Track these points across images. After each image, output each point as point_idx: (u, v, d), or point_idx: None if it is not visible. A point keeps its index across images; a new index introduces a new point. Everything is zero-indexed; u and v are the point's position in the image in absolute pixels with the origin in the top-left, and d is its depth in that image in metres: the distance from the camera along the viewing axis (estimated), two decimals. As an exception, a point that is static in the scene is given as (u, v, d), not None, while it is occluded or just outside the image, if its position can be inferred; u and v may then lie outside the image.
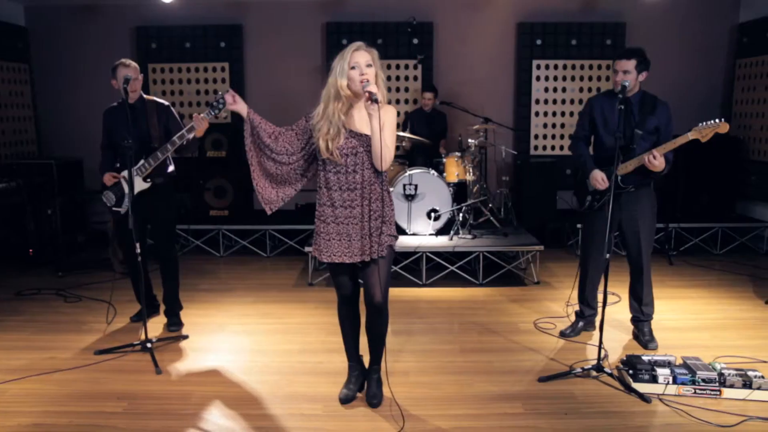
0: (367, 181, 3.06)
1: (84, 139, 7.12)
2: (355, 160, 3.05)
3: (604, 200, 3.93)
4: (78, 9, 7.30)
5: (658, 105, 3.89)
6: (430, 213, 5.85)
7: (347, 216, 3.08)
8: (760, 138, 6.68)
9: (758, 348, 4.04)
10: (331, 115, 2.99)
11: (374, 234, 3.07)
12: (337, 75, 2.98)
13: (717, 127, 3.56)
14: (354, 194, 3.06)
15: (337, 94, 2.99)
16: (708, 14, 7.25)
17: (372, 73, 2.96)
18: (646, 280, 4.08)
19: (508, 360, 3.94)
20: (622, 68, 3.81)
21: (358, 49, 2.98)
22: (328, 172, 3.09)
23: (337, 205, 3.09)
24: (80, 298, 5.24)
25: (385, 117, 3.01)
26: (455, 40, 7.39)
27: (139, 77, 4.30)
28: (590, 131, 4.11)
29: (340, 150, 3.03)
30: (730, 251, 6.64)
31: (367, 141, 3.02)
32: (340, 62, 2.99)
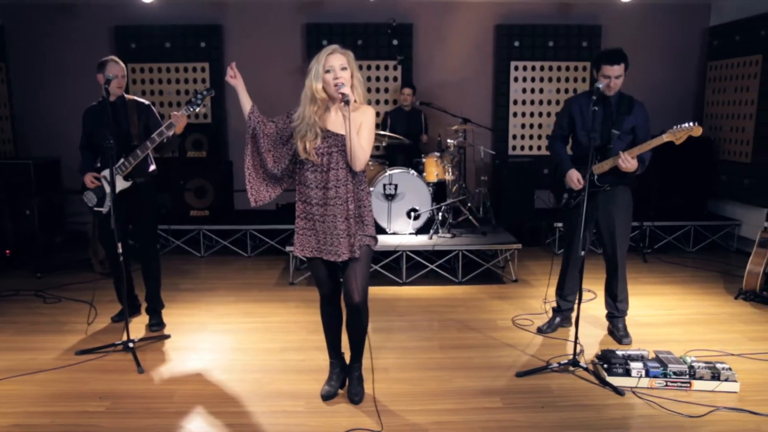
0: (342, 180, 3.08)
1: (62, 139, 7.09)
2: (330, 160, 3.07)
3: (581, 198, 4.03)
4: (56, 8, 7.25)
5: (634, 105, 3.98)
6: (410, 212, 5.93)
7: (323, 214, 3.11)
8: (730, 139, 6.85)
9: (727, 342, 4.17)
10: (307, 118, 3.04)
11: (350, 234, 3.09)
12: (313, 78, 3.01)
13: (691, 130, 3.67)
14: (329, 193, 3.08)
15: (312, 97, 3.02)
16: (680, 18, 7.42)
17: (347, 76, 2.99)
18: (621, 278, 4.19)
19: (486, 356, 4.02)
20: (615, 74, 3.86)
21: (333, 52, 3.00)
22: (306, 170, 3.13)
23: (313, 203, 3.12)
24: (60, 299, 5.22)
25: (362, 118, 3.07)
26: (434, 41, 7.47)
27: (125, 76, 4.35)
28: (568, 131, 4.20)
29: (316, 150, 3.07)
30: (702, 249, 6.81)
31: (342, 141, 3.05)
32: (315, 65, 3.01)
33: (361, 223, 3.14)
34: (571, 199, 4.13)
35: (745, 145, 6.56)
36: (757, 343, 4.14)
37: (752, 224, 6.43)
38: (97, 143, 4.26)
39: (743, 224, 6.74)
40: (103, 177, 4.29)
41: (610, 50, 3.94)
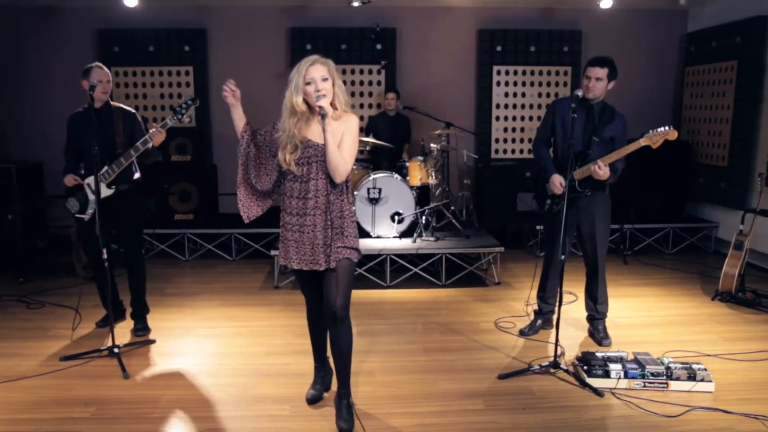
0: (321, 191, 3.03)
1: (44, 143, 7.07)
2: (309, 170, 3.02)
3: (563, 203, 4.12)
4: (38, 10, 7.21)
5: (616, 116, 4.08)
6: (394, 216, 5.98)
7: (302, 224, 3.06)
8: (707, 142, 6.99)
9: (704, 342, 4.28)
10: (288, 130, 3.00)
11: (329, 246, 3.03)
12: (293, 91, 2.95)
13: (666, 134, 3.75)
14: (308, 203, 3.04)
15: (292, 109, 2.97)
16: (658, 24, 7.55)
17: (329, 87, 2.94)
18: (600, 280, 4.28)
19: (469, 358, 4.09)
20: (596, 75, 3.97)
21: (313, 63, 2.94)
22: (287, 180, 3.10)
23: (294, 213, 3.08)
24: (43, 304, 5.20)
25: (344, 126, 3.02)
26: (418, 45, 7.54)
27: (110, 82, 4.34)
28: (551, 134, 4.28)
29: (296, 160, 3.03)
30: (681, 250, 6.94)
31: (321, 151, 2.98)
32: (296, 77, 2.95)
33: (341, 234, 3.07)
34: (554, 205, 4.21)
35: (722, 149, 6.69)
36: (731, 344, 4.25)
37: (729, 226, 6.55)
38: (82, 149, 4.28)
39: (720, 226, 6.88)
40: (87, 184, 4.29)
41: (600, 56, 4.08)
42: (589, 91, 4.00)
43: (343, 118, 3.04)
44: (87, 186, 4.30)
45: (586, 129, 4.04)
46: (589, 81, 3.99)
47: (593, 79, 3.98)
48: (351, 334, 3.16)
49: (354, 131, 3.06)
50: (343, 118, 3.04)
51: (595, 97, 4.02)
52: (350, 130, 3.04)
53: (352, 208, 3.18)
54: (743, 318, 4.80)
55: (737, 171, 6.46)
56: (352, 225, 3.14)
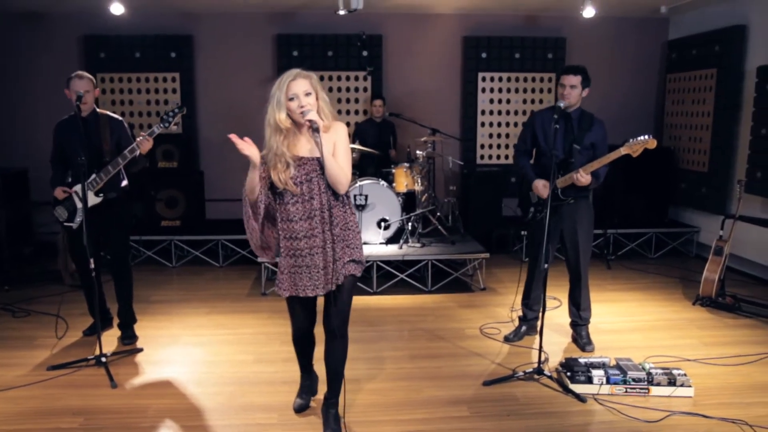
0: (326, 206, 2.93)
1: (30, 149, 7.04)
2: (311, 187, 2.92)
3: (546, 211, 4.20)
4: (24, 16, 7.19)
5: (594, 122, 4.16)
6: (380, 222, 6.03)
7: (312, 246, 2.95)
8: (689, 148, 7.11)
9: (684, 347, 4.36)
10: (275, 149, 2.90)
11: (337, 261, 2.95)
12: (275, 107, 2.86)
13: (646, 143, 3.83)
14: (314, 222, 2.93)
15: (277, 127, 2.87)
16: (641, 31, 7.67)
17: (312, 101, 2.86)
18: (584, 287, 4.35)
19: (455, 365, 4.14)
20: (570, 83, 4.06)
21: (295, 78, 2.86)
22: (286, 204, 2.96)
23: (300, 236, 2.96)
24: (29, 313, 5.18)
25: (335, 137, 2.96)
26: (404, 52, 7.60)
27: (93, 90, 4.32)
28: (531, 145, 4.36)
29: (293, 179, 2.92)
30: (664, 255, 7.05)
31: (318, 165, 2.90)
32: (277, 93, 2.85)
33: (346, 247, 3.00)
34: (537, 212, 4.29)
35: (703, 155, 6.81)
36: (711, 348, 4.34)
37: (710, 231, 6.67)
38: (69, 157, 4.28)
39: (702, 231, 6.99)
40: (75, 192, 4.30)
41: (572, 64, 4.19)
42: (564, 98, 4.08)
43: (332, 128, 2.98)
44: (75, 194, 4.30)
45: (566, 137, 4.12)
46: (563, 89, 4.09)
47: (567, 86, 4.07)
48: (347, 348, 3.18)
49: (345, 138, 3.01)
50: (332, 128, 2.98)
51: (570, 105, 4.10)
52: (341, 138, 2.99)
53: (356, 219, 3.11)
54: (723, 323, 4.90)
55: (717, 177, 6.58)
56: (358, 236, 3.07)
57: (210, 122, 7.58)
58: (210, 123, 7.58)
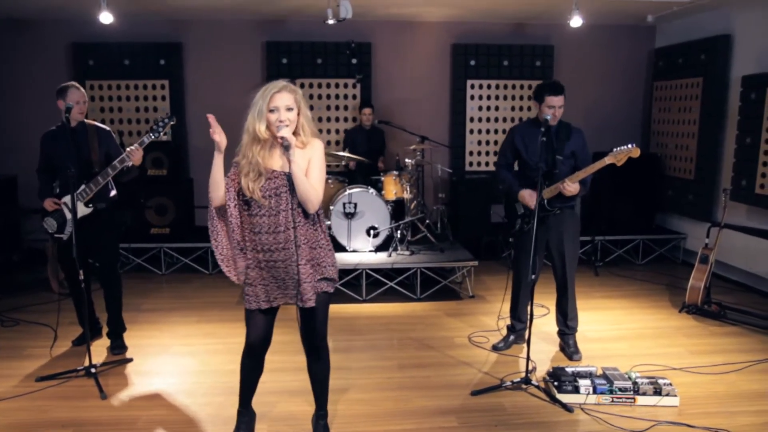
0: (293, 223, 2.87)
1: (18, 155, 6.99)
2: (278, 201, 2.87)
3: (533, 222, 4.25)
4: (11, 23, 7.16)
5: (572, 131, 4.24)
6: (370, 230, 6.06)
7: (274, 260, 2.91)
8: (675, 156, 7.18)
9: (670, 356, 4.41)
10: (250, 157, 2.85)
11: (305, 279, 2.91)
12: (255, 116, 2.81)
13: (630, 152, 3.90)
14: (279, 237, 2.88)
15: (255, 136, 2.84)
16: (628, 39, 7.75)
17: (292, 117, 2.81)
18: (570, 297, 4.40)
19: (443, 374, 4.17)
20: (558, 104, 4.12)
21: (280, 90, 2.80)
22: (253, 215, 2.91)
23: (263, 249, 2.91)
24: (18, 322, 5.17)
25: (311, 153, 2.91)
26: (393, 60, 7.64)
27: (86, 102, 4.34)
28: (513, 159, 4.42)
29: (262, 191, 2.86)
30: (651, 261, 7.12)
31: (288, 181, 2.84)
32: (260, 102, 2.80)
33: (318, 266, 2.96)
34: (525, 224, 4.33)
35: (689, 162, 6.89)
36: (696, 357, 4.40)
37: (697, 237, 6.74)
38: (57, 168, 4.28)
39: (688, 237, 7.07)
40: (64, 203, 4.29)
41: (552, 82, 4.23)
42: (555, 119, 4.15)
43: (309, 144, 2.93)
44: (64, 205, 4.29)
45: (548, 149, 4.17)
46: (553, 110, 4.12)
47: (557, 107, 4.12)
48: (329, 361, 3.19)
49: (320, 157, 2.94)
50: (309, 145, 2.93)
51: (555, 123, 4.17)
52: (316, 156, 2.93)
53: (327, 237, 3.04)
54: (708, 330, 4.96)
55: (703, 184, 6.66)
56: (330, 254, 3.02)
57: (199, 129, 7.57)
58: (199, 130, 7.57)
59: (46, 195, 4.35)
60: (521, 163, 4.37)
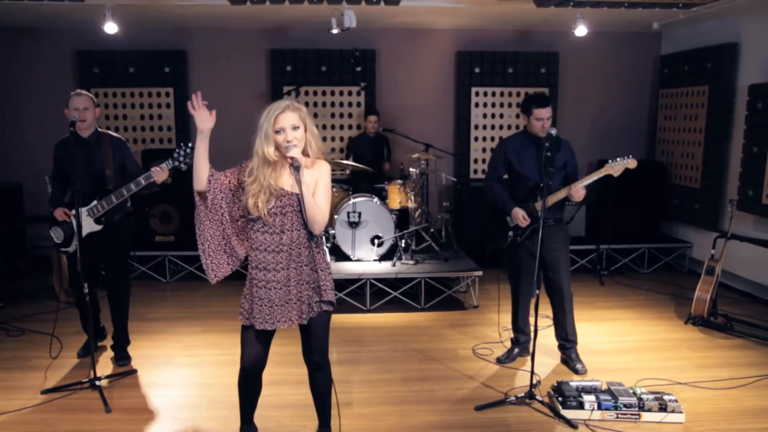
0: (296, 243, 2.89)
1: (24, 164, 7.04)
2: (283, 220, 2.88)
3: (526, 234, 4.25)
4: (17, 31, 7.19)
5: (562, 143, 4.25)
6: (374, 239, 6.05)
7: (275, 280, 2.90)
8: (681, 164, 7.14)
9: (676, 370, 4.39)
10: (262, 180, 2.86)
11: (305, 301, 2.93)
12: (263, 140, 2.83)
13: (627, 164, 3.94)
14: (280, 257, 2.89)
15: (265, 159, 2.85)
16: (633, 46, 7.72)
17: (299, 135, 2.84)
18: (568, 309, 4.37)
19: (447, 388, 4.16)
20: (546, 115, 4.15)
21: (283, 111, 2.82)
22: (255, 231, 2.92)
23: (269, 268, 2.91)
24: (23, 332, 5.18)
25: (318, 174, 2.94)
26: (397, 67, 7.63)
27: (93, 108, 4.20)
28: (504, 172, 4.42)
29: (269, 209, 2.87)
30: (656, 270, 7.08)
31: (295, 201, 2.86)
32: (265, 125, 2.82)
33: (318, 288, 2.95)
34: (517, 236, 4.33)
35: (695, 171, 6.85)
36: (702, 371, 4.37)
37: (703, 246, 6.72)
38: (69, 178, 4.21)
39: (694, 246, 7.03)
40: (74, 216, 4.15)
41: (538, 95, 4.26)
42: (544, 131, 4.16)
43: (316, 165, 2.95)
44: (74, 218, 4.12)
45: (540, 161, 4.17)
46: (541, 122, 4.15)
47: (545, 119, 4.15)
48: (330, 377, 3.19)
49: (327, 179, 2.98)
50: (316, 165, 2.95)
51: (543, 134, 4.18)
52: (323, 178, 2.95)
53: (327, 260, 3.05)
54: (714, 343, 4.93)
55: (710, 193, 6.62)
56: (329, 277, 3.01)
57: (205, 137, 7.57)
58: (205, 138, 7.57)
59: (57, 204, 4.27)
60: (514, 175, 4.37)
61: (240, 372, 3.13)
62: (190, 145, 3.89)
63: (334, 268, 5.85)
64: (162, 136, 7.53)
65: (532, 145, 4.24)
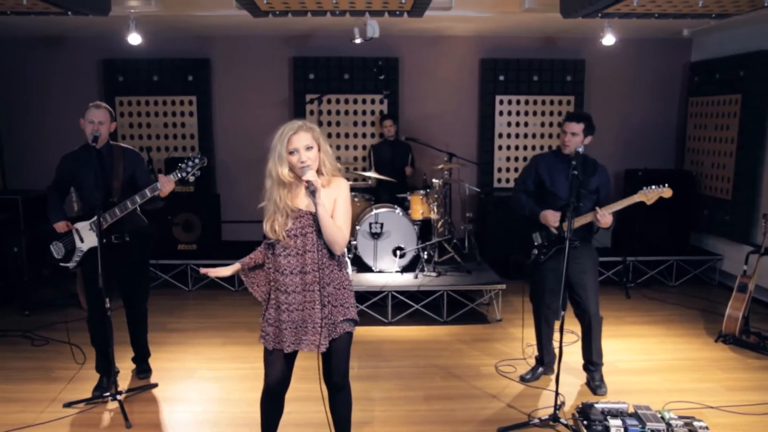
0: (318, 263, 2.86)
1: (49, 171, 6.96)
2: (304, 241, 2.85)
3: (551, 253, 4.15)
4: (44, 40, 7.28)
5: (598, 167, 4.17)
6: (396, 251, 5.99)
7: (301, 302, 2.89)
8: (711, 175, 6.96)
9: (706, 392, 4.25)
10: (277, 201, 2.85)
11: (328, 321, 2.90)
12: (276, 161, 2.81)
13: (662, 192, 3.81)
14: (307, 278, 2.86)
15: (279, 180, 2.83)
16: (662, 53, 7.54)
17: (313, 156, 2.82)
18: (595, 333, 4.25)
19: (469, 408, 4.08)
20: (571, 130, 4.05)
21: (296, 132, 2.80)
22: (277, 255, 2.90)
23: (289, 290, 2.89)
24: (47, 341, 5.23)
25: (336, 193, 2.91)
26: (420, 75, 7.56)
27: (109, 123, 4.12)
28: (533, 188, 4.32)
29: (288, 232, 2.86)
30: (685, 283, 6.90)
31: (314, 220, 2.83)
32: (278, 146, 2.80)
33: (341, 306, 2.94)
34: (541, 255, 4.23)
35: (726, 182, 6.67)
36: (733, 394, 4.22)
37: (733, 259, 6.54)
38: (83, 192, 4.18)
39: (725, 259, 6.84)
40: (75, 229, 4.13)
41: (574, 111, 4.14)
42: (565, 146, 4.09)
43: (332, 183, 2.92)
44: (75, 231, 4.12)
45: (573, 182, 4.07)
46: (565, 135, 4.07)
47: (569, 134, 4.06)
48: (351, 398, 3.15)
49: (346, 196, 2.94)
50: (333, 184, 2.92)
51: (570, 152, 4.06)
52: (342, 196, 2.92)
53: (350, 277, 3.05)
54: (746, 364, 4.77)
55: (742, 205, 6.43)
56: (351, 295, 3.01)
57: (226, 145, 7.61)
58: (226, 145, 7.61)
59: (57, 216, 4.16)
60: (545, 193, 4.26)
61: (263, 391, 3.12)
62: (199, 155, 3.89)
63: (355, 279, 5.81)
64: (185, 144, 7.56)
65: (564, 164, 4.12)
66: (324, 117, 7.45)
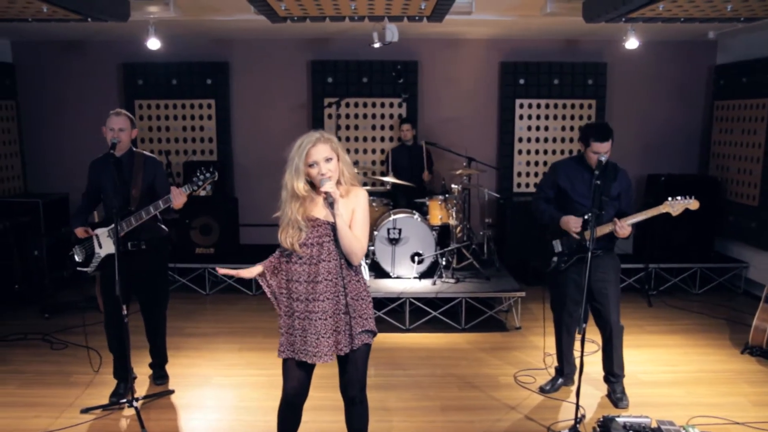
0: (334, 273, 2.84)
1: (70, 174, 7.15)
2: (321, 251, 2.84)
3: (571, 263, 4.07)
4: (65, 45, 7.33)
5: (619, 172, 4.06)
6: (414, 256, 5.94)
7: (310, 311, 2.85)
8: (737, 180, 6.80)
9: (732, 407, 4.13)
10: (290, 213, 2.84)
11: (338, 331, 2.87)
12: (293, 175, 2.79)
13: (688, 204, 3.73)
14: (318, 287, 2.83)
15: (293, 193, 2.82)
16: (686, 55, 7.40)
17: (333, 167, 2.80)
18: (616, 343, 4.15)
19: (487, 419, 4.01)
20: (604, 150, 3.92)
21: (315, 144, 2.78)
22: (292, 263, 2.89)
23: (302, 298, 2.86)
24: (66, 345, 5.25)
25: (354, 202, 2.89)
26: (439, 78, 7.50)
27: (130, 130, 4.13)
28: (553, 196, 4.23)
29: (305, 241, 2.84)
30: (709, 291, 6.75)
31: (332, 230, 2.82)
32: (296, 159, 2.79)
33: (359, 317, 2.89)
34: (561, 263, 4.14)
35: (753, 188, 6.51)
36: (761, 409, 4.10)
37: (760, 267, 6.39)
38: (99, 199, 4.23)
39: (751, 267, 6.68)
40: (96, 235, 4.14)
41: (599, 126, 4.04)
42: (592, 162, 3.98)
43: (351, 193, 2.90)
44: (95, 237, 4.13)
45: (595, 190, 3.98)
46: (597, 155, 3.93)
47: (602, 153, 3.93)
48: (367, 413, 3.10)
49: (364, 206, 2.92)
50: (351, 194, 2.90)
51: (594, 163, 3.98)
52: (360, 206, 2.90)
53: (367, 287, 3.00)
54: (773, 377, 4.66)
55: (769, 212, 6.29)
56: (369, 305, 2.97)
57: (245, 148, 7.62)
58: (244, 149, 7.62)
59: (77, 222, 4.19)
60: (565, 201, 4.17)
61: (281, 401, 3.08)
62: (211, 169, 3.86)
63: (373, 285, 5.77)
64: (203, 148, 7.57)
65: (586, 172, 4.03)
66: (342, 121, 7.41)
